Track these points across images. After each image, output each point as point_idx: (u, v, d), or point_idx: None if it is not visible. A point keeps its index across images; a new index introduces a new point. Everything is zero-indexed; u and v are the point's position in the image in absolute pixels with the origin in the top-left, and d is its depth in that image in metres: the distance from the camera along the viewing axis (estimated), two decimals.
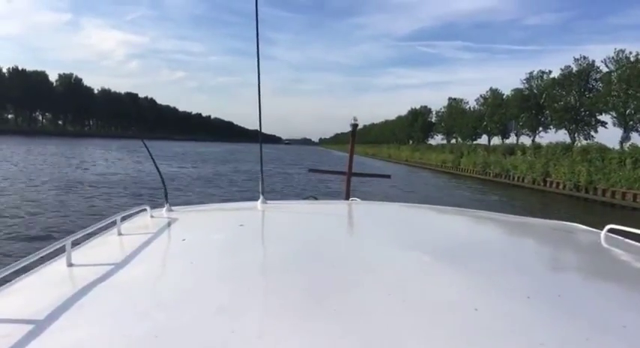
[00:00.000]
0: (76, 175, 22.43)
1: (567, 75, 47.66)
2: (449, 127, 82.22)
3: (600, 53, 48.71)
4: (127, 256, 1.30)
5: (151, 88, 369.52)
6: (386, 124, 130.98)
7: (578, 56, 47.74)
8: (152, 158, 2.13)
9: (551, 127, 53.53)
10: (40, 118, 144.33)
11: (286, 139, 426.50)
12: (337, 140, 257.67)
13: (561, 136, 50.48)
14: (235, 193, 18.75)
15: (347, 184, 4.18)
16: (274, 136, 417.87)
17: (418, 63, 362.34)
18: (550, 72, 54.09)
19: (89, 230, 1.45)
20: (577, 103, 46.95)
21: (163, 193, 2.03)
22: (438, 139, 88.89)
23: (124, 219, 1.72)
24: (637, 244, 1.76)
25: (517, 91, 57.24)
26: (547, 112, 54.09)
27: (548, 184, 27.20)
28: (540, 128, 55.32)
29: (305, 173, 20.90)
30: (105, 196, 15.84)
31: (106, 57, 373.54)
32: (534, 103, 54.11)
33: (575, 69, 47.35)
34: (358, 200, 3.30)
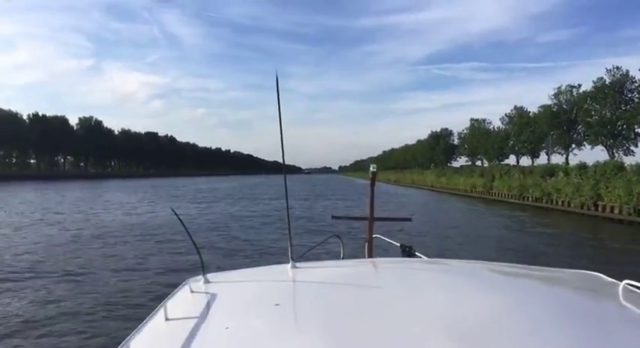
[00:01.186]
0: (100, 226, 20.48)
1: (601, 87, 44.73)
2: (472, 148, 79.41)
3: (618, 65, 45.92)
4: None
5: (172, 126, 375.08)
6: (406, 149, 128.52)
7: (610, 67, 44.96)
8: (185, 227, 2.19)
9: (585, 143, 50.51)
10: (62, 161, 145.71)
11: (306, 169, 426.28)
12: (357, 167, 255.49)
13: (597, 152, 47.46)
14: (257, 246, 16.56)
15: (369, 229, 4.16)
16: (294, 166, 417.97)
17: (434, 86, 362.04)
18: (579, 86, 51.48)
19: (147, 323, 1.57)
20: (613, 117, 43.84)
21: (200, 264, 2.08)
22: (461, 162, 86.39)
23: (167, 295, 1.83)
24: None
25: (545, 107, 54.40)
26: (580, 127, 51.14)
27: (600, 209, 24.19)
28: (573, 145, 52.22)
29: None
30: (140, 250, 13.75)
31: (128, 99, 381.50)
32: (565, 119, 51.20)
33: (608, 80, 44.49)
34: (381, 237, 4.23)
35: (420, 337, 1.34)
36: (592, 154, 51.67)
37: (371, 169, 4.07)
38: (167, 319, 1.62)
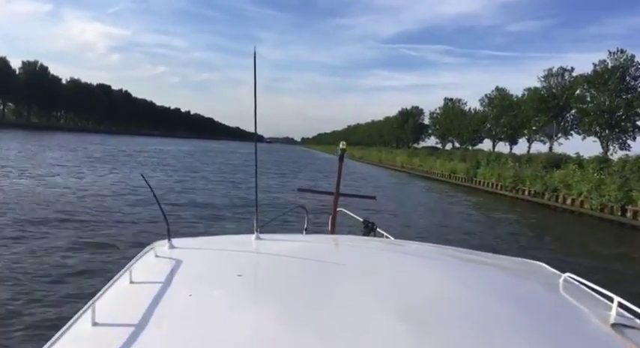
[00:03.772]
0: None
1: (601, 72, 39.90)
2: (445, 129, 74.53)
3: (580, 62, 42.63)
4: (143, 315, 1.36)
5: (132, 82, 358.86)
6: (373, 125, 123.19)
7: (613, 50, 40.08)
8: (153, 192, 2.25)
9: (573, 132, 46.10)
10: (2, 107, 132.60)
11: (268, 138, 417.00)
12: (320, 141, 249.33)
13: (588, 144, 43.14)
14: None
15: (334, 204, 4.26)
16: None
17: (401, 65, 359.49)
18: (572, 69, 46.73)
19: (112, 286, 1.54)
20: (612, 105, 39.21)
21: (166, 229, 2.04)
22: (430, 143, 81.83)
23: (134, 257, 1.82)
24: (594, 295, 1.78)
25: (534, 90, 49.51)
26: (568, 114, 46.66)
27: (630, 215, 19.15)
28: (560, 134, 47.72)
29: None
30: None
31: (86, 49, 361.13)
32: (554, 105, 46.49)
33: (610, 64, 39.69)
34: (345, 211, 4.42)
35: (368, 313, 1.43)
36: (581, 146, 47.39)
37: (340, 146, 4.18)
38: (132, 282, 1.61)
